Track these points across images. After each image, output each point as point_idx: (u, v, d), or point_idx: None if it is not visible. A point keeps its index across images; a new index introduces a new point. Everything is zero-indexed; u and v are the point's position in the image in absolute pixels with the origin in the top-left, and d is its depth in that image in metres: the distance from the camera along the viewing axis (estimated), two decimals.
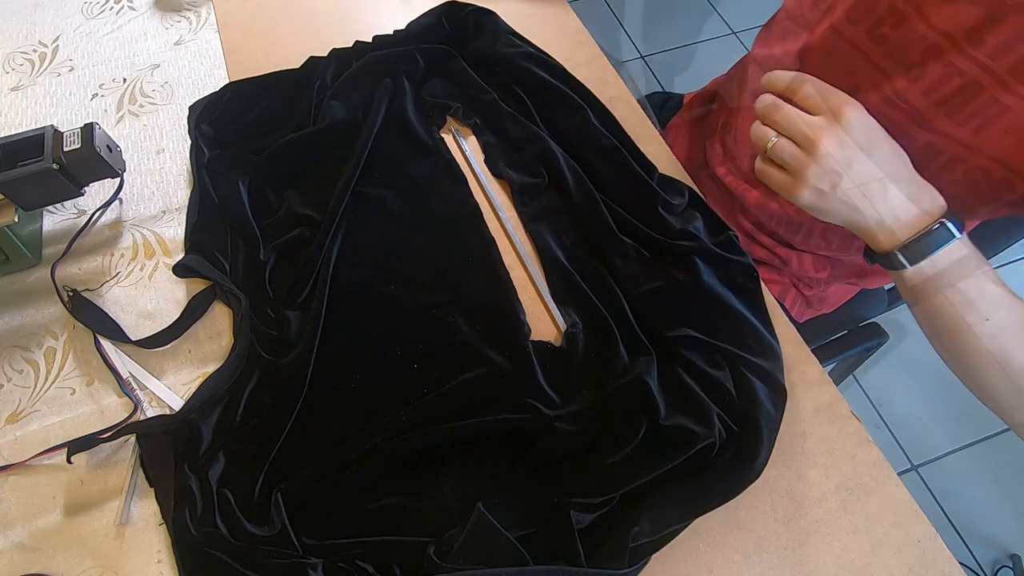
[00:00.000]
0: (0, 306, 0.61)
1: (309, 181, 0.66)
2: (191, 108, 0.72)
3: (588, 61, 0.77)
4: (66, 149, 0.56)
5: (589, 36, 0.80)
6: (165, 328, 0.58)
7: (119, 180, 0.64)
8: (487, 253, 0.62)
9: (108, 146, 0.60)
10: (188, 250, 0.62)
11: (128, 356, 0.57)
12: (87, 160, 0.57)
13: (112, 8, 0.84)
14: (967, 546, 1.29)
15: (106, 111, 0.74)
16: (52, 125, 0.58)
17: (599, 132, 0.67)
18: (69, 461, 0.51)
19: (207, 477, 0.50)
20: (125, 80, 0.76)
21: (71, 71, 0.77)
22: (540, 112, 0.70)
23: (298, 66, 0.74)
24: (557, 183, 0.65)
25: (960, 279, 0.49)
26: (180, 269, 0.60)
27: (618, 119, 0.70)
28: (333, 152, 0.67)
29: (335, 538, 0.48)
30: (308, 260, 0.60)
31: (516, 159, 0.68)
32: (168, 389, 0.56)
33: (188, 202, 0.65)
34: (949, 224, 0.49)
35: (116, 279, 0.62)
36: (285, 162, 0.67)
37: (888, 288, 0.91)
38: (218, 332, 0.59)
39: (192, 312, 0.59)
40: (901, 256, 0.50)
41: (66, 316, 0.59)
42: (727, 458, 0.49)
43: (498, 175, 0.68)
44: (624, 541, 0.45)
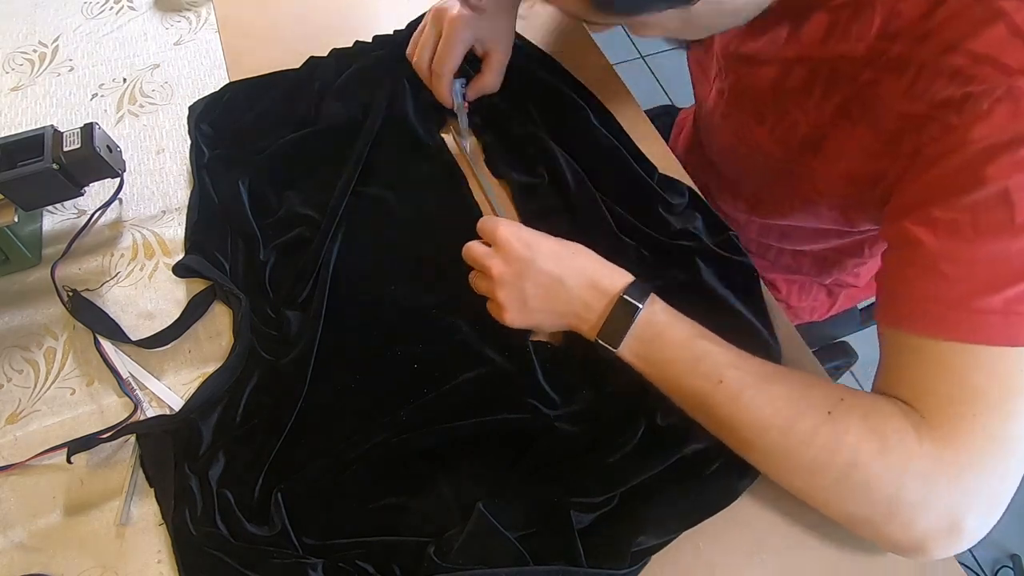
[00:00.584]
0: (0, 306, 0.61)
1: (309, 181, 0.66)
2: (191, 108, 0.72)
3: (588, 61, 0.77)
4: (66, 149, 0.56)
5: (589, 36, 0.80)
6: (165, 328, 0.58)
7: (119, 180, 0.64)
8: None
9: (108, 146, 0.60)
10: (188, 250, 0.62)
11: (128, 356, 0.57)
12: (87, 160, 0.57)
13: (112, 8, 0.84)
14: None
15: (106, 111, 0.74)
16: (52, 125, 0.58)
17: (599, 132, 0.67)
18: (69, 461, 0.51)
19: (207, 477, 0.50)
20: (125, 80, 0.76)
21: (71, 71, 0.77)
22: (540, 112, 0.70)
23: (298, 66, 0.74)
24: (557, 183, 0.65)
25: (674, 345, 0.48)
26: (180, 269, 0.60)
27: (618, 119, 0.70)
28: (333, 152, 0.67)
29: (335, 538, 0.48)
30: (308, 260, 0.60)
31: (516, 159, 0.68)
32: (168, 389, 0.56)
33: (188, 202, 0.66)
34: (627, 297, 0.49)
35: (116, 279, 0.62)
36: (285, 162, 0.67)
37: (861, 307, 0.92)
38: (218, 332, 0.59)
39: (192, 312, 0.59)
40: (603, 343, 0.50)
41: (66, 316, 0.59)
42: (727, 460, 0.49)
43: (498, 175, 0.68)
44: (625, 544, 0.45)
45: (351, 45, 0.76)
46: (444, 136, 0.71)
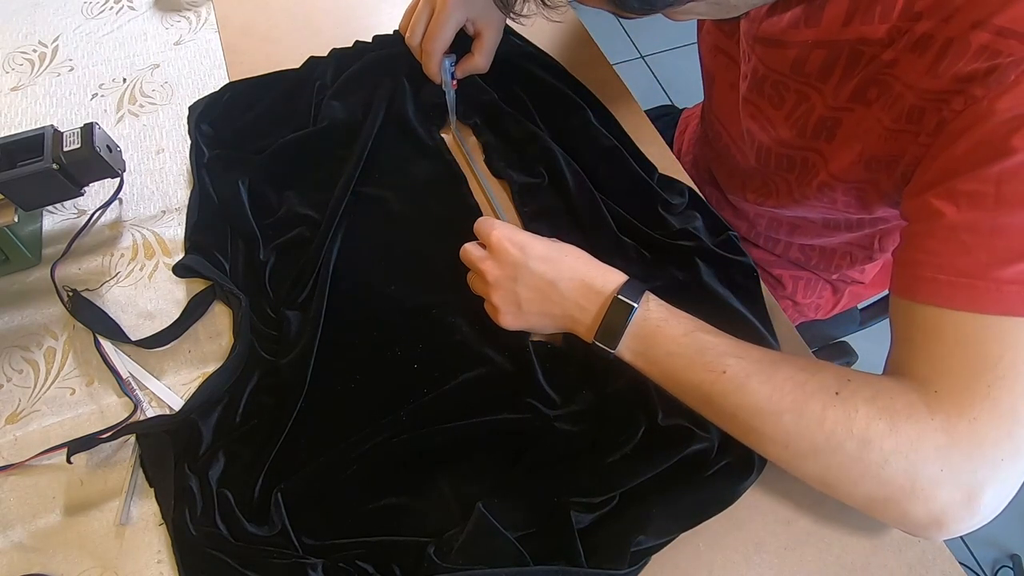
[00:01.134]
0: (0, 306, 0.61)
1: (309, 181, 0.66)
2: (191, 108, 0.72)
3: (588, 61, 0.77)
4: (66, 149, 0.56)
5: (589, 36, 0.80)
6: (165, 328, 0.58)
7: (119, 180, 0.64)
8: None
9: (108, 146, 0.60)
10: (188, 250, 0.62)
11: (128, 356, 0.57)
12: (87, 160, 0.57)
13: (112, 8, 0.84)
14: (967, 546, 1.29)
15: (106, 111, 0.74)
16: (52, 125, 0.58)
17: (599, 132, 0.67)
18: (69, 461, 0.51)
19: (207, 477, 0.50)
20: (125, 80, 0.76)
21: (71, 71, 0.77)
22: (540, 112, 0.70)
23: (298, 66, 0.74)
24: (557, 183, 0.65)
25: (673, 341, 0.48)
26: (180, 269, 0.60)
27: (618, 119, 0.70)
28: (333, 152, 0.67)
29: (335, 538, 0.48)
30: (308, 260, 0.60)
31: (516, 159, 0.68)
32: (168, 389, 0.56)
33: (188, 202, 0.65)
34: (621, 297, 0.49)
35: (116, 279, 0.62)
36: (285, 162, 0.67)
37: (861, 307, 0.92)
38: (218, 332, 0.59)
39: (192, 312, 0.59)
40: (600, 344, 0.50)
41: (66, 316, 0.59)
42: (727, 461, 0.49)
43: (498, 175, 0.68)
44: (625, 544, 0.45)
45: (351, 45, 0.76)
46: (444, 136, 0.71)
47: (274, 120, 0.70)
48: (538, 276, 0.52)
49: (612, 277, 0.52)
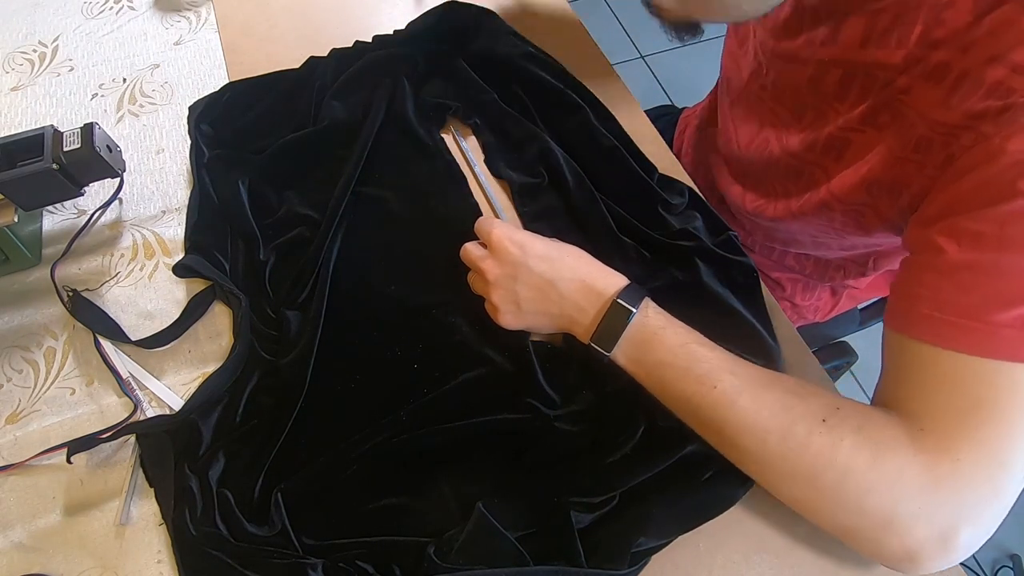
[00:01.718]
0: (0, 306, 0.61)
1: (309, 181, 0.66)
2: (191, 108, 0.72)
3: (588, 61, 0.77)
4: (66, 149, 0.56)
5: (589, 36, 0.80)
6: (165, 328, 0.58)
7: (119, 180, 0.64)
8: None
9: (108, 146, 0.60)
10: (188, 250, 0.62)
11: (128, 356, 0.57)
12: (87, 160, 0.57)
13: (112, 8, 0.84)
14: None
15: (106, 111, 0.74)
16: (52, 125, 0.58)
17: (599, 132, 0.67)
18: (69, 461, 0.51)
19: (207, 477, 0.50)
20: (125, 80, 0.76)
21: (71, 71, 0.77)
22: (540, 112, 0.70)
23: (298, 66, 0.74)
24: (557, 183, 0.65)
25: (667, 351, 0.48)
26: (180, 269, 0.60)
27: (618, 119, 0.70)
28: (333, 152, 0.67)
29: (335, 538, 0.48)
30: (308, 260, 0.60)
31: (516, 159, 0.68)
32: (168, 389, 0.56)
33: (188, 202, 0.65)
34: (620, 301, 0.49)
35: (116, 279, 0.62)
36: (285, 162, 0.67)
37: (861, 308, 0.92)
38: (218, 332, 0.59)
39: (192, 312, 0.59)
40: (596, 346, 0.50)
41: (66, 316, 0.59)
42: (728, 463, 0.49)
43: (498, 175, 0.68)
44: (625, 544, 0.45)
45: (351, 45, 0.76)
46: (444, 136, 0.71)
47: (274, 120, 0.70)
48: (538, 275, 0.52)
49: (613, 280, 0.52)
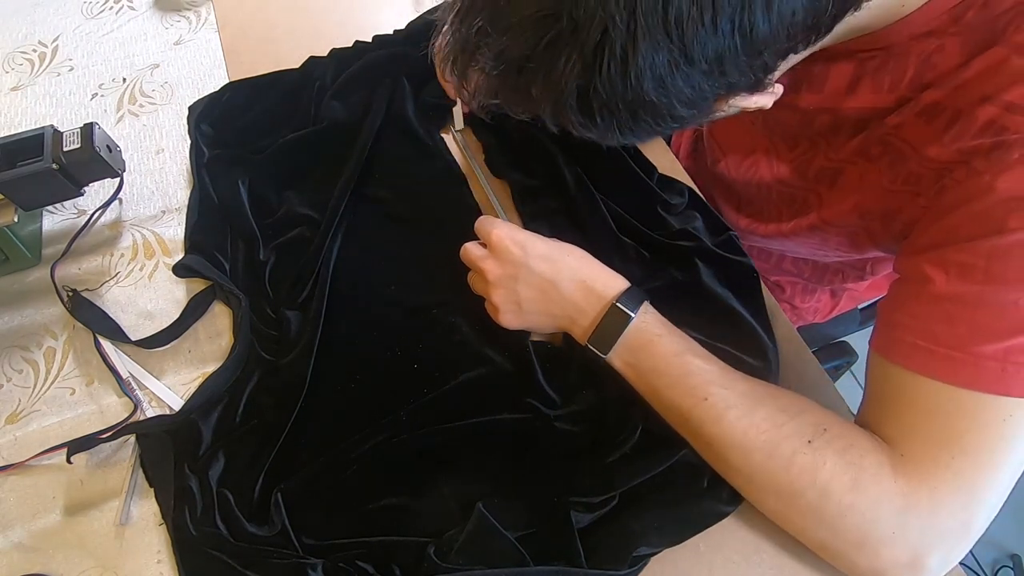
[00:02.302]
0: (0, 306, 0.61)
1: (309, 181, 0.66)
2: (191, 108, 0.72)
3: None
4: (66, 149, 0.56)
5: None
6: (165, 328, 0.58)
7: (119, 180, 0.64)
8: None
9: (108, 146, 0.60)
10: (188, 250, 0.62)
11: (128, 356, 0.57)
12: (87, 160, 0.57)
13: (112, 8, 0.84)
14: (965, 553, 1.29)
15: (106, 111, 0.74)
16: (52, 125, 0.58)
17: None
18: (69, 461, 0.51)
19: (207, 477, 0.50)
20: (125, 80, 0.76)
21: (71, 71, 0.77)
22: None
23: (298, 66, 0.74)
24: (557, 183, 0.65)
25: (662, 359, 0.48)
26: (180, 269, 0.60)
27: None
28: (333, 152, 0.67)
29: (335, 538, 0.48)
30: (308, 260, 0.60)
31: (516, 159, 0.68)
32: (168, 389, 0.56)
33: (188, 202, 0.65)
34: (620, 305, 0.50)
35: (116, 279, 0.62)
36: (285, 162, 0.67)
37: (861, 308, 0.92)
38: (218, 332, 0.59)
39: (192, 312, 0.59)
40: (592, 348, 0.50)
41: (66, 316, 0.59)
42: None
43: (498, 175, 0.68)
44: (625, 547, 0.45)
45: (351, 45, 0.76)
46: (444, 136, 0.71)
47: (274, 120, 0.70)
48: (538, 275, 0.52)
49: (613, 282, 0.52)
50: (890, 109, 0.48)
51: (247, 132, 0.70)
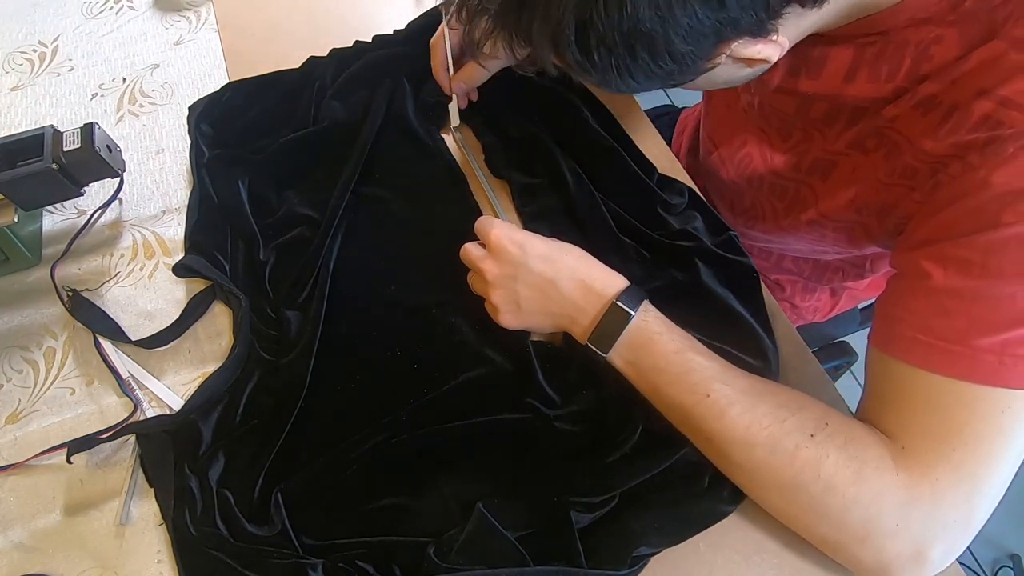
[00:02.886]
0: (0, 306, 0.61)
1: (309, 181, 0.66)
2: (191, 108, 0.72)
3: None
4: (66, 149, 0.56)
5: None
6: (165, 328, 0.58)
7: (119, 180, 0.64)
8: None
9: (108, 146, 0.60)
10: (188, 250, 0.62)
11: (128, 356, 0.57)
12: (87, 160, 0.57)
13: (112, 8, 0.84)
14: (967, 546, 1.29)
15: (106, 111, 0.74)
16: (52, 125, 0.58)
17: (598, 133, 0.67)
18: (69, 461, 0.51)
19: (207, 477, 0.50)
20: (125, 80, 0.76)
21: (71, 71, 0.77)
22: (540, 113, 0.70)
23: (298, 66, 0.74)
24: (557, 183, 0.65)
25: (663, 357, 0.48)
26: (180, 269, 0.60)
27: (618, 119, 0.70)
28: (333, 152, 0.67)
29: (335, 538, 0.48)
30: (308, 260, 0.60)
31: (516, 159, 0.68)
32: (168, 389, 0.56)
33: (188, 202, 0.65)
34: (620, 303, 0.49)
35: (116, 279, 0.62)
36: (285, 162, 0.67)
37: (861, 307, 0.92)
38: (218, 332, 0.59)
39: (192, 312, 0.59)
40: (592, 347, 0.50)
41: (66, 316, 0.59)
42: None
43: (498, 175, 0.68)
44: (625, 547, 0.45)
45: (351, 45, 0.76)
46: (444, 136, 0.71)
47: (274, 120, 0.70)
48: (538, 275, 0.52)
49: (613, 281, 0.52)
50: (887, 100, 0.48)
51: (247, 132, 0.70)
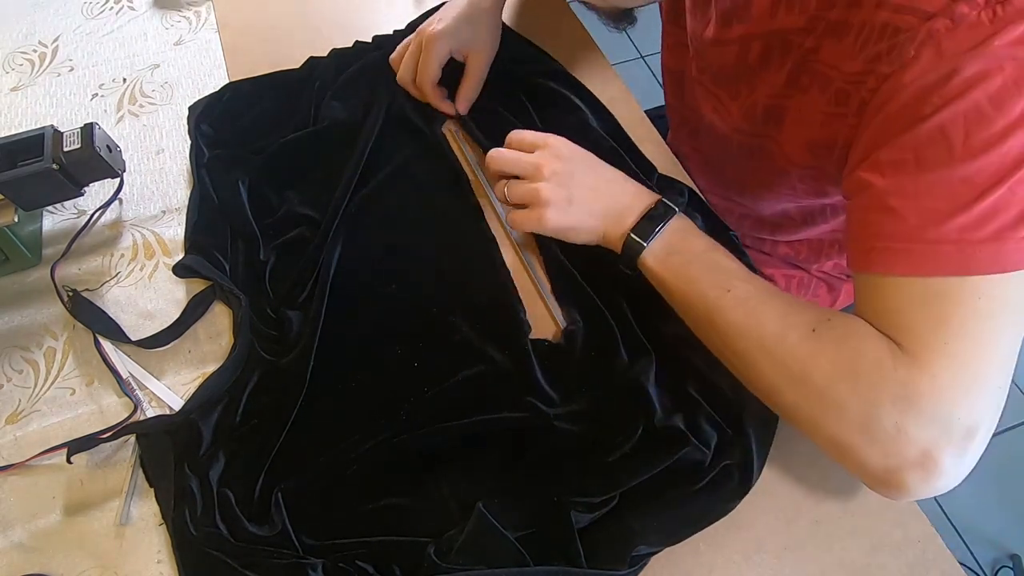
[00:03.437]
0: (0, 306, 0.61)
1: (309, 181, 0.66)
2: (191, 108, 0.72)
3: (587, 61, 0.77)
4: (66, 149, 0.56)
5: (589, 36, 0.80)
6: (165, 328, 0.58)
7: (119, 180, 0.64)
8: (488, 252, 0.61)
9: (108, 146, 0.60)
10: (188, 250, 0.62)
11: (128, 356, 0.57)
12: (87, 160, 0.57)
13: (112, 8, 0.84)
14: (967, 546, 1.29)
15: (106, 111, 0.74)
16: (52, 125, 0.58)
17: (597, 133, 0.67)
18: (69, 461, 0.51)
19: (207, 477, 0.50)
20: (125, 80, 0.76)
21: (71, 71, 0.77)
22: (538, 113, 0.70)
23: (298, 66, 0.74)
24: None
25: (693, 254, 0.51)
26: (180, 269, 0.60)
27: (618, 119, 0.70)
28: (333, 152, 0.67)
29: (335, 538, 0.48)
30: (308, 260, 0.60)
31: None
32: (168, 389, 0.56)
33: (188, 202, 0.65)
34: (666, 201, 0.54)
35: (116, 279, 0.62)
36: (285, 162, 0.67)
37: None
38: (218, 332, 0.59)
39: (192, 312, 0.59)
40: (635, 237, 0.53)
41: (66, 316, 0.59)
42: (725, 468, 0.49)
43: None
44: (625, 545, 0.46)
45: (351, 45, 0.76)
46: (445, 135, 0.71)
47: (274, 120, 0.70)
48: (595, 174, 0.57)
49: (654, 192, 0.56)
50: (806, 29, 0.50)
51: (247, 132, 0.70)
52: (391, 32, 0.77)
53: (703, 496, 0.48)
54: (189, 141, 0.69)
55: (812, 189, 0.62)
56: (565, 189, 0.55)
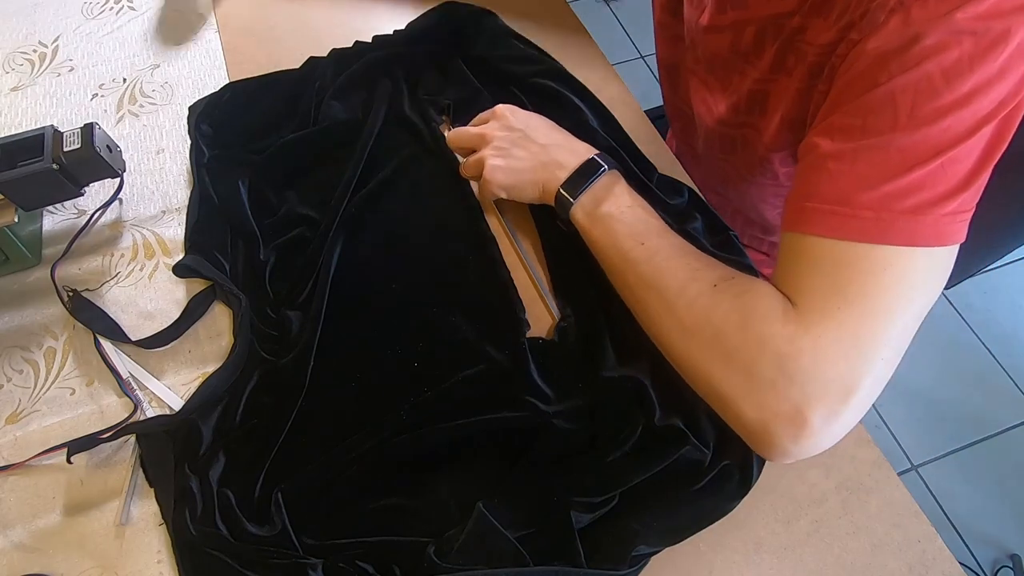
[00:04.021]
0: (0, 306, 0.61)
1: (309, 181, 0.66)
2: (191, 108, 0.72)
3: (587, 61, 0.77)
4: (66, 149, 0.56)
5: (589, 36, 0.80)
6: (165, 328, 0.58)
7: (119, 180, 0.64)
8: (487, 251, 0.62)
9: (108, 146, 0.60)
10: (188, 250, 0.62)
11: (128, 356, 0.57)
12: (87, 160, 0.57)
13: (112, 8, 0.84)
14: (967, 546, 1.29)
15: (106, 111, 0.74)
16: (52, 125, 0.58)
17: (597, 133, 0.67)
18: (69, 461, 0.51)
19: (207, 477, 0.50)
20: (125, 80, 0.76)
21: (71, 71, 0.77)
22: (538, 112, 0.70)
23: (298, 66, 0.74)
24: None
25: (618, 209, 0.53)
26: (180, 269, 0.60)
27: (618, 119, 0.70)
28: (333, 152, 0.67)
29: (335, 538, 0.48)
30: (308, 260, 0.60)
31: None
32: (168, 389, 0.56)
33: (188, 202, 0.65)
34: (597, 158, 0.57)
35: (116, 279, 0.62)
36: (285, 162, 0.67)
37: None
38: (218, 332, 0.59)
39: (192, 312, 0.59)
40: (564, 192, 0.56)
41: (66, 316, 0.59)
42: (724, 468, 0.49)
43: None
44: (625, 544, 0.45)
45: (351, 45, 0.76)
46: (444, 135, 0.71)
47: (274, 120, 0.70)
48: (536, 140, 0.59)
49: (593, 149, 0.59)
50: (793, 11, 0.50)
51: (247, 132, 0.70)
52: (391, 32, 0.77)
53: (703, 496, 0.48)
54: (189, 141, 0.69)
55: (793, 175, 0.62)
56: (506, 151, 0.59)
